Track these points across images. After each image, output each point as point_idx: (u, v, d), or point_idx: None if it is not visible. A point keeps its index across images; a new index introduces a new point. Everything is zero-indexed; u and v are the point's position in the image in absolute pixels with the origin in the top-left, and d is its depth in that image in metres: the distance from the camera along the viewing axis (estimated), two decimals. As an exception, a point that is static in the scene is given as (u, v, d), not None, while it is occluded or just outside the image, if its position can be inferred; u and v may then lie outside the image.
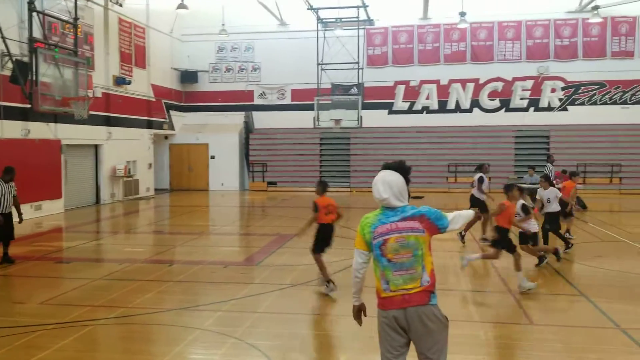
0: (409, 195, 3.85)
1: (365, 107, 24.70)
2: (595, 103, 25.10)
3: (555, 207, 10.85)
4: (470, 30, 25.67)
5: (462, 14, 23.73)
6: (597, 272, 9.50)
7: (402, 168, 3.86)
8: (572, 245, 11.03)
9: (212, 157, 26.72)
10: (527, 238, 9.10)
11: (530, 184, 19.58)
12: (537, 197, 11.19)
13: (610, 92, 24.98)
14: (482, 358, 5.70)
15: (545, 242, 10.81)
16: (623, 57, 24.88)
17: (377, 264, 3.73)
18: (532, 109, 25.64)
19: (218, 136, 26.68)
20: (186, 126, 27.68)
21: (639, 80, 24.63)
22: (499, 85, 25.85)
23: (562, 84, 25.41)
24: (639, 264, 10.00)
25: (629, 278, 9.03)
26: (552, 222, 10.85)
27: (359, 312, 3.96)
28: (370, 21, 25.86)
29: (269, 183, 26.35)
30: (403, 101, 26.66)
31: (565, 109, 25.37)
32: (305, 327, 6.84)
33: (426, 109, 26.49)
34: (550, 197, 10.83)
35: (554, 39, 25.41)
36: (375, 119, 25.62)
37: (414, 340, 3.67)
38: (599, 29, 24.94)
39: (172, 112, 26.59)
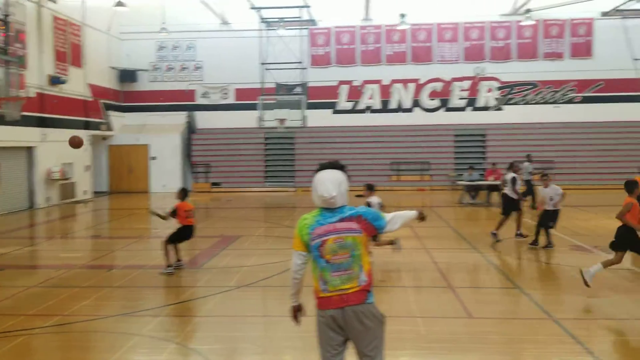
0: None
1: (310, 106, 24.81)
2: (528, 102, 26.14)
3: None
4: (410, 31, 26.20)
5: (402, 16, 24.20)
6: (531, 265, 9.89)
7: (342, 167, 3.88)
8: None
9: (153, 158, 26.14)
10: None
11: (469, 181, 20.23)
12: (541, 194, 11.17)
13: (542, 91, 26.07)
14: (423, 353, 5.84)
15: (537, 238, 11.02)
16: (554, 58, 26.02)
17: (316, 264, 3.74)
18: (469, 108, 26.43)
19: (159, 137, 26.13)
20: (126, 127, 26.95)
21: (569, 81, 25.79)
22: (439, 86, 26.51)
23: (497, 84, 26.32)
24: (571, 257, 10.46)
25: (562, 270, 9.45)
26: (551, 219, 10.96)
27: (297, 312, 4.02)
28: (313, 21, 25.97)
29: (213, 184, 26.02)
30: (347, 101, 26.93)
31: (500, 108, 26.28)
32: (248, 329, 6.80)
33: (369, 109, 26.85)
34: (552, 194, 10.94)
35: (490, 40, 26.28)
36: (319, 118, 25.76)
37: (352, 339, 3.71)
38: (532, 31, 25.98)
39: (110, 113, 25.83)
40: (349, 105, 26.91)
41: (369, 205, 9.30)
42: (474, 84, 26.39)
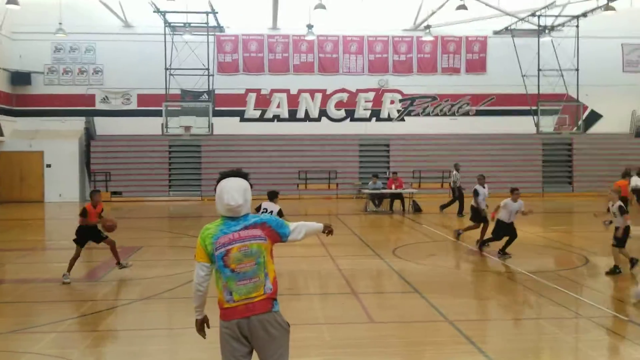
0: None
1: (217, 114, 24.47)
2: (428, 114, 27.37)
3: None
4: (317, 42, 26.63)
5: (310, 27, 24.56)
6: (429, 270, 10.37)
7: (245, 175, 3.84)
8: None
9: (48, 165, 24.65)
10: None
11: (373, 189, 20.83)
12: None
13: (441, 104, 27.41)
14: (328, 359, 5.94)
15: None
16: (451, 73, 27.46)
17: (220, 275, 3.68)
18: (374, 119, 27.25)
19: (55, 143, 24.68)
20: (18, 132, 25.22)
21: (465, 95, 27.31)
22: (345, 96, 27.13)
23: (399, 96, 27.36)
24: (466, 262, 11.08)
25: (457, 274, 9.98)
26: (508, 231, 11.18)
27: (202, 325, 3.92)
28: (220, 28, 25.70)
29: (113, 193, 24.93)
30: (254, 109, 26.85)
31: (402, 120, 27.33)
32: (150, 343, 6.59)
33: (277, 117, 26.94)
34: (518, 208, 11.22)
35: (393, 54, 27.29)
36: (226, 126, 25.49)
37: (256, 348, 3.69)
38: (431, 47, 27.28)
39: (0, 117, 24.08)
40: (256, 114, 26.86)
41: (259, 210, 9.46)
42: (377, 95, 27.25)
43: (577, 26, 23.99)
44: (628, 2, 22.86)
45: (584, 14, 23.24)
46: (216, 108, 24.71)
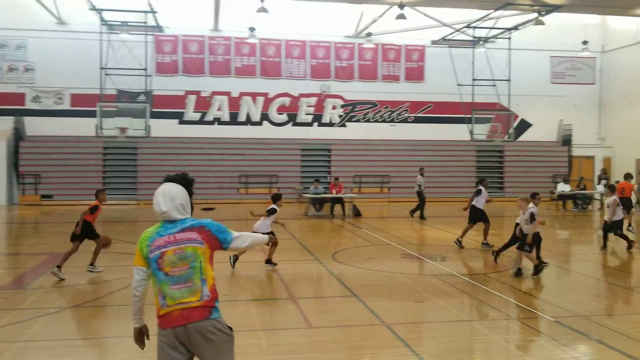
0: (192, 207, 3.81)
1: (154, 115, 23.93)
2: (369, 120, 27.78)
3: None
4: (259, 45, 26.53)
5: (252, 29, 24.45)
6: (367, 273, 10.49)
7: (184, 180, 3.78)
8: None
9: (-27, 166, 23.35)
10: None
11: (314, 194, 20.91)
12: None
13: (381, 111, 27.88)
14: (264, 365, 5.89)
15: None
16: (391, 80, 27.99)
17: (155, 279, 3.61)
18: (316, 124, 27.40)
19: (-20, 143, 23.40)
20: (-62, 131, 23.76)
21: (404, 102, 27.89)
22: (287, 101, 27.14)
23: (341, 102, 27.63)
24: (403, 265, 11.28)
25: (394, 278, 10.13)
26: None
27: (140, 334, 3.80)
28: (159, 28, 25.16)
29: (43, 196, 23.89)
30: (194, 111, 26.41)
31: (344, 125, 27.61)
32: (80, 353, 6.33)
33: (218, 120, 26.62)
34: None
35: (335, 60, 27.54)
36: (164, 128, 24.96)
37: (198, 356, 3.59)
38: (372, 54, 27.72)
39: None
40: (196, 116, 26.43)
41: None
42: (319, 100, 27.42)
43: (509, 38, 25.01)
44: (556, 17, 24.01)
45: (516, 27, 24.27)
46: (154, 110, 24.18)
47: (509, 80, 24.70)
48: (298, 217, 20.17)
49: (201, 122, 26.43)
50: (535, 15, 21.73)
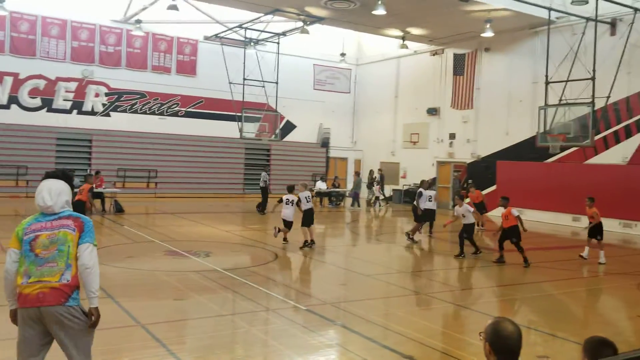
0: None
1: None
2: (136, 111, 26.56)
3: (470, 219, 12.95)
4: (10, 19, 23.39)
5: (1, 0, 21.49)
6: (125, 272, 10.06)
7: (67, 176, 4.06)
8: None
9: None
10: None
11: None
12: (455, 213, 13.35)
13: (150, 102, 26.88)
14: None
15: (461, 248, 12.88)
16: (162, 71, 27.16)
17: (24, 259, 3.77)
18: (75, 111, 25.21)
19: None
20: None
21: (175, 95, 27.33)
22: (41, 83, 24.42)
23: (106, 90, 25.90)
24: (165, 263, 11.06)
25: (154, 276, 9.88)
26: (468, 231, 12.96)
27: (15, 316, 3.89)
28: None
29: None
30: None
31: (108, 115, 25.95)
32: None
33: (-49, 100, 22.79)
34: (464, 212, 12.88)
35: (100, 44, 25.67)
36: None
37: (56, 341, 3.78)
38: (142, 42, 26.54)
39: None
40: None
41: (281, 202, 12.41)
42: (80, 86, 25.28)
43: (278, 43, 26.25)
44: (320, 29, 25.96)
45: (284, 33, 25.58)
46: None
47: (277, 82, 25.91)
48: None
49: None
50: (302, 24, 23.18)
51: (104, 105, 25.86)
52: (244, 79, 25.60)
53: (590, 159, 20.40)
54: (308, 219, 13.44)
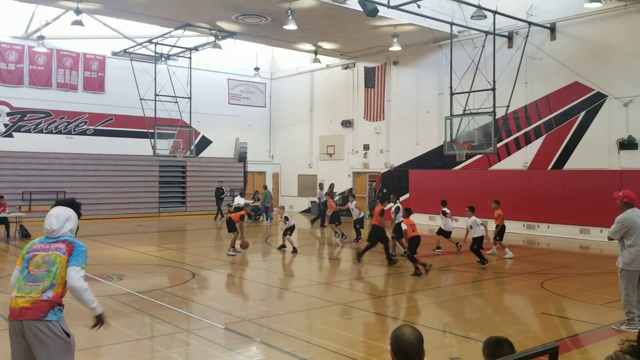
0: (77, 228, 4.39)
1: None
2: (41, 131, 25.27)
3: (479, 232, 13.28)
4: None
5: None
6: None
7: (75, 204, 4.41)
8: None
9: None
10: None
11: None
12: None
13: (56, 121, 25.66)
14: None
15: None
16: (68, 89, 26.04)
17: (20, 276, 4.07)
18: (-27, 132, 23.62)
19: None
20: None
21: (82, 113, 26.26)
22: None
23: (7, 109, 24.47)
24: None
25: (64, 302, 9.40)
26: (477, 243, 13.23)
27: None
28: None
29: None
30: None
31: (10, 135, 24.51)
32: None
33: None
34: (472, 224, 13.35)
35: (0, 62, 24.29)
36: None
37: (35, 355, 3.86)
38: (45, 59, 25.35)
39: None
40: None
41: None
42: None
43: (190, 58, 25.91)
44: (233, 43, 25.89)
45: (196, 48, 25.29)
46: None
47: (190, 98, 25.53)
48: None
49: None
50: (213, 39, 23.02)
51: (5, 125, 24.42)
52: (156, 95, 25.01)
53: (494, 165, 21.61)
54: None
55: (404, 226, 12.61)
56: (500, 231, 14.18)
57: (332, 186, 22.93)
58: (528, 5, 20.05)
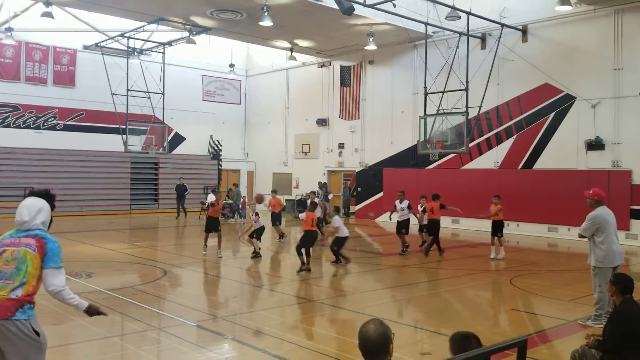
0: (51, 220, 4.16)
1: None
2: (9, 126, 24.68)
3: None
4: None
5: None
6: None
7: (49, 196, 4.18)
8: None
9: None
10: None
11: None
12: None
13: (24, 115, 25.10)
14: None
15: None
16: (37, 82, 25.49)
17: None
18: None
19: None
20: None
21: (52, 107, 25.74)
22: None
23: (-28, 103, 23.87)
24: (42, 286, 10.33)
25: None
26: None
27: None
28: None
29: None
30: None
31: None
32: None
33: None
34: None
35: (-35, 54, 23.69)
36: None
37: (4, 352, 3.74)
38: (14, 52, 24.77)
39: None
40: None
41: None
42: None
43: (164, 53, 25.58)
44: (208, 39, 25.65)
45: (170, 43, 24.99)
46: None
47: (163, 93, 25.20)
48: None
49: None
50: (187, 34, 22.77)
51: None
52: (128, 90, 24.64)
53: (466, 164, 21.87)
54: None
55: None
56: (499, 226, 14.24)
57: (325, 185, 22.59)
58: (501, 7, 20.34)
